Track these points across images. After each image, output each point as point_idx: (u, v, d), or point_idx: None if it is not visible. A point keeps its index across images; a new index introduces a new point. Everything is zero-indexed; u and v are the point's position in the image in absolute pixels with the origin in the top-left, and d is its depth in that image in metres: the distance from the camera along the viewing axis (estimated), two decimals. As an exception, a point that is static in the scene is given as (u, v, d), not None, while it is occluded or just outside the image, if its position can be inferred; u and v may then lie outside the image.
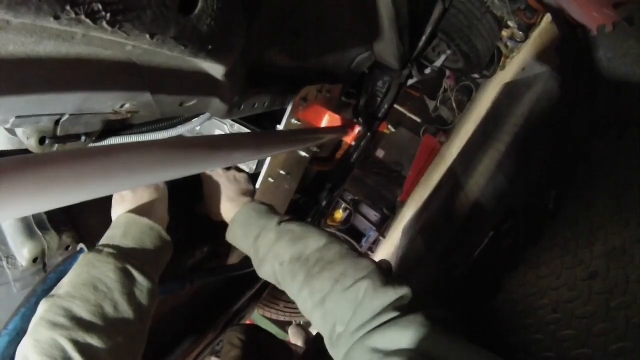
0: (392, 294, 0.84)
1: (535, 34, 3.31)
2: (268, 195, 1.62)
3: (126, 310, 0.81)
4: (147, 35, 0.52)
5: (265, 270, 1.07)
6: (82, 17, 0.43)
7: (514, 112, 2.40)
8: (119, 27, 0.48)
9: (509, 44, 3.62)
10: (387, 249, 4.89)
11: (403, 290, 0.86)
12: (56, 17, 0.42)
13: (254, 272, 1.93)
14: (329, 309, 0.88)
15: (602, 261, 1.03)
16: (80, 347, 0.71)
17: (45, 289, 0.81)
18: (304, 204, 2.62)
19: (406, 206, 5.72)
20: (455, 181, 3.13)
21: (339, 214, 6.23)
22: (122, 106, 0.71)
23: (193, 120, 0.95)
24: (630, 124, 1.23)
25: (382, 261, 2.68)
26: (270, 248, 1.04)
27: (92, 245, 0.88)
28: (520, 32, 3.44)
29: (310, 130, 1.41)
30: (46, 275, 0.83)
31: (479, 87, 4.98)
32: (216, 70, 0.79)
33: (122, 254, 0.88)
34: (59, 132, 0.65)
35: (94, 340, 0.73)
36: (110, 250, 0.87)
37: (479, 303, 1.48)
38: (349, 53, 1.87)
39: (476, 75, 4.48)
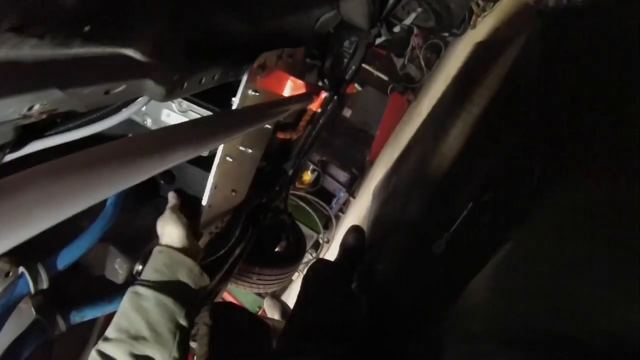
0: None
1: (509, -6, 3.18)
2: (229, 175, 1.49)
3: None
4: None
5: None
6: None
7: (488, 74, 2.30)
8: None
9: (480, 2, 3.48)
10: (358, 212, 4.83)
11: None
12: None
13: (220, 255, 1.84)
14: None
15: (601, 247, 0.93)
16: None
17: None
18: (270, 172, 2.50)
19: (375, 166, 5.66)
20: (426, 144, 3.04)
21: (308, 176, 6.14)
22: (30, 109, 0.56)
23: (123, 110, 0.80)
24: (623, 94, 1.13)
25: (354, 228, 2.60)
26: None
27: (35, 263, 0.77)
28: (493, -10, 3.29)
29: (271, 104, 1.27)
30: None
31: (448, 45, 4.87)
32: (133, 51, 0.64)
33: None
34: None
35: None
36: None
37: (461, 282, 1.38)
38: (312, 13, 1.71)
39: (446, 34, 4.36)
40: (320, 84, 2.40)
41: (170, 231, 1.25)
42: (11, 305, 1.00)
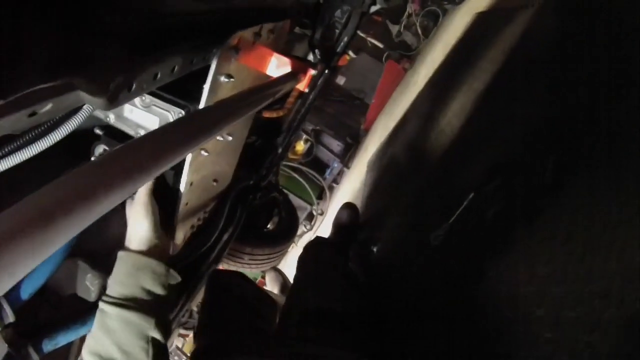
0: None
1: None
2: (207, 168, 1.35)
3: None
4: None
5: None
6: None
7: (492, 47, 2.14)
8: None
9: (480, -32, 3.29)
10: (353, 183, 4.72)
11: None
12: None
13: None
14: None
15: (616, 275, 0.79)
16: None
17: None
18: (260, 146, 2.36)
19: (370, 135, 5.54)
20: (423, 117, 2.90)
21: (300, 147, 6.00)
22: None
23: (64, 125, 0.66)
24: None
25: (348, 205, 2.49)
26: None
27: None
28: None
29: (250, 93, 1.11)
30: None
31: (446, 13, 4.71)
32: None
33: None
34: None
35: None
36: None
37: (459, 287, 1.26)
38: (297, -20, 1.54)
39: (444, 1, 4.21)
40: (310, 55, 2.25)
41: (134, 223, 1.16)
42: None
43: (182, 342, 5.44)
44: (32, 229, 0.42)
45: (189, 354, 5.22)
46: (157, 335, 1.05)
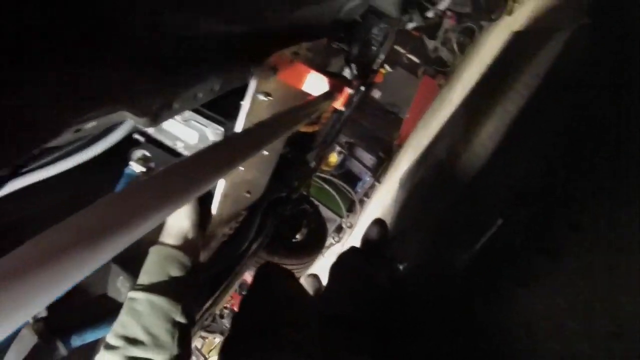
0: None
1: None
2: (242, 181, 1.39)
3: None
4: None
5: None
6: None
7: (525, 70, 2.13)
8: None
9: (517, -13, 3.28)
10: (384, 198, 4.72)
11: None
12: None
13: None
14: None
15: (630, 314, 0.80)
16: None
17: None
18: (293, 159, 2.40)
19: (403, 151, 5.52)
20: (456, 136, 2.89)
21: (334, 158, 6.02)
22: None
23: (104, 139, 0.70)
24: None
25: (378, 221, 2.50)
26: None
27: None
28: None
29: (287, 114, 1.15)
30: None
31: (482, 29, 4.67)
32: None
33: None
34: None
35: None
36: None
37: (479, 312, 1.26)
38: (334, 1, 1.56)
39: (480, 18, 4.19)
40: (346, 70, 2.27)
41: (174, 220, 1.21)
42: (13, 334, 1.01)
43: (201, 343, 5.50)
44: (93, 241, 0.45)
45: (207, 355, 5.28)
46: (183, 320, 1.08)
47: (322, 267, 4.13)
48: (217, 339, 5.32)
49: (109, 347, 1.01)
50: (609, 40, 1.52)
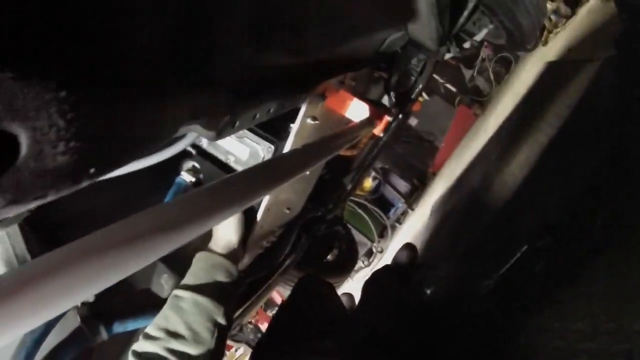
0: None
1: (582, 12, 3.03)
2: (283, 196, 1.50)
3: None
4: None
5: None
6: None
7: (557, 100, 2.18)
8: None
9: (552, 17, 3.33)
10: (415, 226, 4.75)
11: None
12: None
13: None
14: None
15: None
16: None
17: (35, 339, 0.75)
18: (329, 183, 2.50)
19: (437, 179, 5.56)
20: (489, 166, 2.95)
21: (368, 183, 6.08)
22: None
23: (172, 146, 0.82)
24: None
25: (409, 246, 2.55)
26: None
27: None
28: (567, 7, 3.16)
29: (331, 138, 1.26)
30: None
31: (519, 59, 4.72)
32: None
33: None
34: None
35: None
36: None
37: (500, 335, 1.33)
38: (377, 36, 1.69)
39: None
40: (385, 98, 2.37)
41: (224, 232, 1.31)
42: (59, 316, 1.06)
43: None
44: (151, 238, 0.52)
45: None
46: (223, 322, 1.16)
47: (349, 289, 4.18)
48: (239, 352, 5.38)
49: (149, 337, 1.08)
50: (632, 73, 1.59)
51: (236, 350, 5.40)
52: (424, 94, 5.95)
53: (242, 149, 1.33)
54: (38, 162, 0.41)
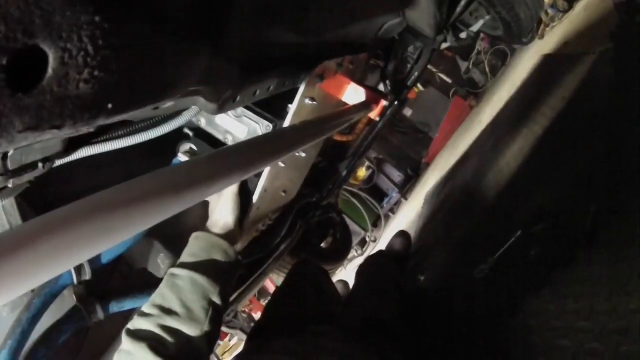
0: None
1: (580, 6, 3.04)
2: (280, 178, 1.51)
3: None
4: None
5: None
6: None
7: (553, 92, 2.20)
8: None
9: (549, 11, 3.33)
10: (408, 214, 4.78)
11: None
12: None
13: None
14: None
15: (636, 314, 0.88)
16: None
17: (30, 317, 0.75)
18: (324, 169, 2.50)
19: (431, 169, 5.58)
20: (483, 156, 2.96)
21: (362, 172, 6.10)
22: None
23: (172, 121, 0.82)
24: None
25: (402, 233, 2.57)
26: None
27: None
28: (564, 1, 3.16)
29: (328, 118, 1.27)
30: (30, 301, 0.75)
31: (514, 52, 4.72)
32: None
33: None
34: (9, 166, 0.58)
35: None
36: None
37: (498, 313, 1.35)
38: (376, 21, 1.69)
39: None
40: (381, 85, 2.38)
41: (220, 213, 1.30)
42: (55, 293, 1.05)
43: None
44: (145, 203, 0.53)
45: (221, 356, 5.33)
46: (218, 302, 1.14)
47: (342, 277, 4.21)
48: (232, 341, 5.40)
49: (144, 315, 1.07)
50: (628, 65, 1.60)
51: (230, 340, 5.42)
52: (419, 85, 5.95)
53: (240, 128, 1.32)
54: (61, 87, 0.41)
